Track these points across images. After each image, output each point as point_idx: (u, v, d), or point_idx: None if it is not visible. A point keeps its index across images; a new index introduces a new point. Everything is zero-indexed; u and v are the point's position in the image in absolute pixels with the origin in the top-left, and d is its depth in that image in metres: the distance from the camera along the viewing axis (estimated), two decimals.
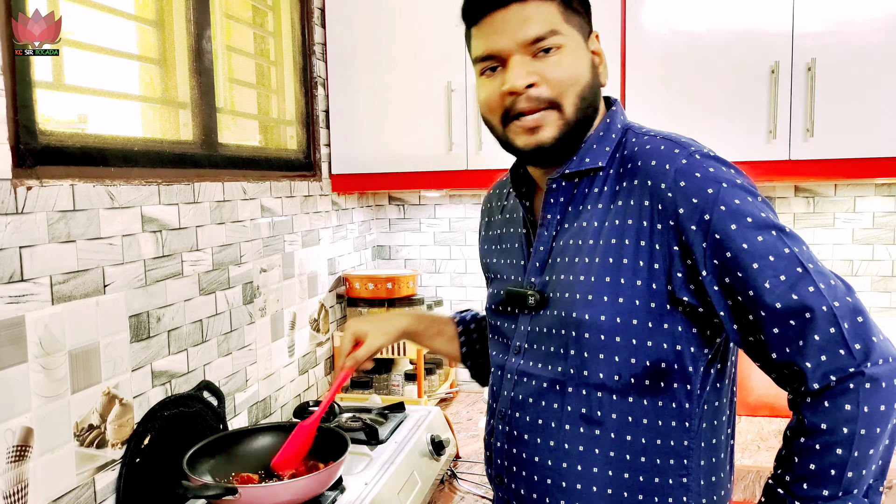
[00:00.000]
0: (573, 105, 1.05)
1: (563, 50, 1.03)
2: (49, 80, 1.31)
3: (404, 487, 1.62)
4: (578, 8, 1.07)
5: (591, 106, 1.08)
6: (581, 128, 1.07)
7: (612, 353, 1.03)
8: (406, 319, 1.39)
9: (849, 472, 0.91)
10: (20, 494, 1.17)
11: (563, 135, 1.06)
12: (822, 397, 0.92)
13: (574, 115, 1.05)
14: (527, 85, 1.03)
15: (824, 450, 0.92)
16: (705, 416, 1.05)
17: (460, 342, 1.43)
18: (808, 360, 0.92)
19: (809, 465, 0.93)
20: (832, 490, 0.92)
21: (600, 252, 1.03)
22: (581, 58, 1.05)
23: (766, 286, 0.93)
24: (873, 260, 2.38)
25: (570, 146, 1.08)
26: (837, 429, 0.91)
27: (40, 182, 1.21)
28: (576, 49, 1.05)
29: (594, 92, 1.08)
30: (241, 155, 1.90)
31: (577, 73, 1.04)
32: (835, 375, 0.91)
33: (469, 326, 1.44)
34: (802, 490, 0.94)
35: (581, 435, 1.06)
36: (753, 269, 0.93)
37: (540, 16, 1.03)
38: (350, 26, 2.31)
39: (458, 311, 1.48)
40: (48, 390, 1.22)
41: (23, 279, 1.17)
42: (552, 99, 1.04)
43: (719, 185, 0.96)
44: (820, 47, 1.95)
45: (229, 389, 1.77)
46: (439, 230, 2.74)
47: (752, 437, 2.08)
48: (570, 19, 1.05)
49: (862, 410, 0.90)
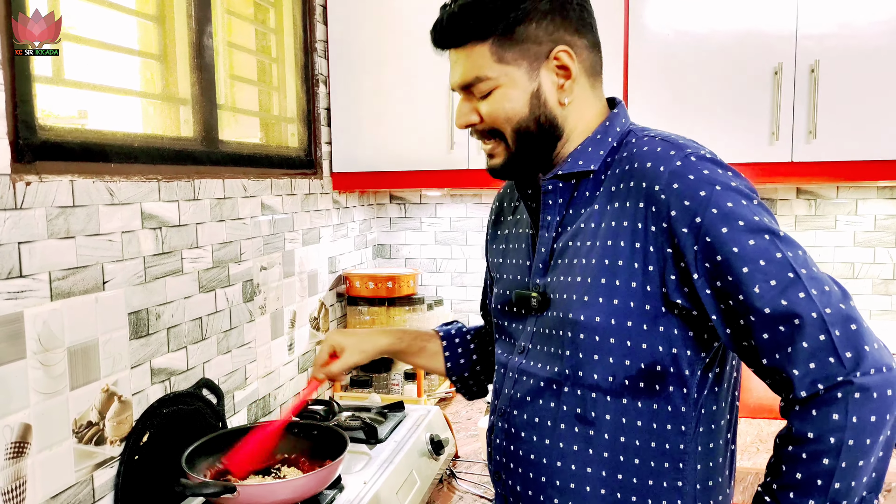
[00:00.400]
0: (511, 139, 1.08)
1: (496, 91, 1.06)
2: (49, 75, 1.30)
3: (403, 486, 1.62)
4: (522, 37, 1.04)
5: (542, 132, 1.08)
6: (535, 150, 1.09)
7: (606, 354, 1.03)
8: (387, 338, 1.36)
9: (836, 483, 0.90)
10: (18, 491, 1.16)
11: (509, 163, 1.11)
12: (810, 406, 0.91)
13: (516, 146, 1.09)
14: (467, 124, 1.11)
15: (811, 459, 0.91)
16: (702, 420, 1.04)
17: (444, 357, 1.41)
18: (797, 368, 0.91)
19: (796, 473, 0.92)
20: (818, 500, 0.91)
21: (597, 253, 1.03)
22: (516, 94, 1.06)
23: (756, 290, 0.92)
24: (874, 263, 2.37)
25: (531, 165, 1.12)
26: (824, 438, 0.90)
27: (39, 177, 1.21)
28: (511, 86, 1.06)
29: (543, 119, 1.07)
30: (241, 152, 1.89)
31: (509, 112, 1.06)
32: (823, 384, 0.90)
33: (454, 341, 1.42)
34: (788, 499, 0.93)
35: (575, 435, 1.06)
36: (744, 272, 0.93)
37: (469, 63, 1.06)
38: (352, 24, 2.31)
39: (442, 325, 1.47)
40: (47, 387, 1.21)
41: (21, 275, 1.17)
42: (495, 130, 1.09)
43: (712, 187, 0.95)
44: (823, 49, 1.95)
45: (228, 387, 1.77)
46: (440, 229, 2.74)
47: (752, 439, 2.08)
48: (505, 56, 1.04)
49: (850, 420, 0.89)
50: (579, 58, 1.07)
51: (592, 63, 1.10)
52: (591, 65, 1.09)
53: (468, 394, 1.46)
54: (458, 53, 1.08)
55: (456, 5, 1.06)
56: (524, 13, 1.03)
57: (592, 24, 1.10)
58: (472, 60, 1.06)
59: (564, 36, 1.05)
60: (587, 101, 1.10)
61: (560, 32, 1.05)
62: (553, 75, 1.06)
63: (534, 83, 1.06)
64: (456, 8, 1.05)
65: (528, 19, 1.03)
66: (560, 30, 1.05)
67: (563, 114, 1.08)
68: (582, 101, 1.09)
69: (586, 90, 1.09)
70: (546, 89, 1.06)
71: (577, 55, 1.06)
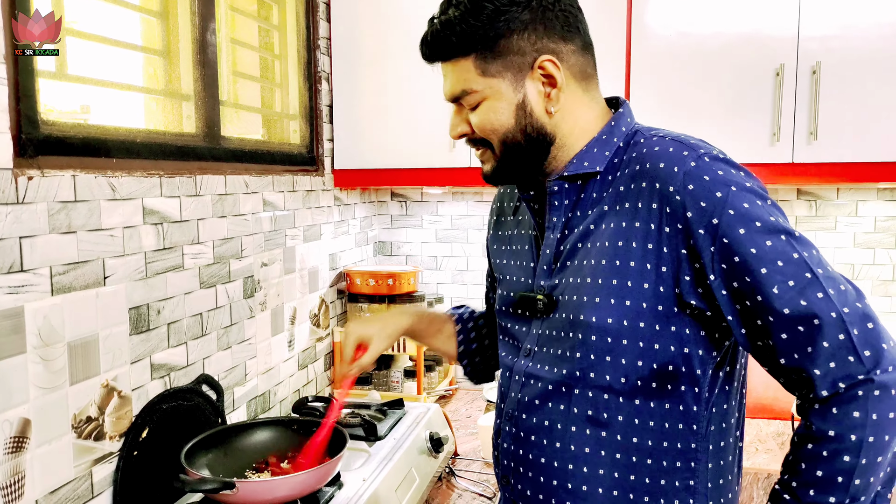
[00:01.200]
0: (498, 149, 1.10)
1: (483, 103, 1.08)
2: (52, 70, 1.30)
3: (402, 484, 1.62)
4: (504, 50, 1.04)
5: (530, 142, 1.08)
6: (523, 159, 1.10)
7: (618, 355, 1.03)
8: (407, 318, 1.37)
9: (856, 480, 0.90)
10: (17, 486, 1.16)
11: (499, 170, 1.13)
12: (831, 404, 0.91)
13: (503, 155, 1.10)
14: (459, 135, 1.13)
15: (832, 456, 0.91)
16: (713, 419, 1.05)
17: (458, 341, 1.42)
18: (817, 367, 0.91)
19: (816, 471, 0.92)
20: (839, 497, 0.91)
21: (607, 254, 1.03)
22: (502, 106, 1.07)
23: (775, 291, 0.92)
24: (874, 264, 2.37)
25: (521, 172, 1.13)
26: (845, 436, 0.90)
27: (41, 172, 1.21)
28: (496, 98, 1.06)
29: (530, 129, 1.07)
30: (243, 148, 1.89)
31: (496, 123, 1.08)
32: (844, 383, 0.91)
33: (467, 325, 1.43)
34: (809, 496, 0.93)
35: (587, 437, 1.06)
36: (762, 273, 0.93)
37: (456, 76, 1.08)
38: (355, 21, 2.31)
39: (454, 308, 1.47)
40: (46, 382, 1.22)
41: (23, 270, 1.17)
42: (484, 140, 1.11)
43: (728, 188, 0.95)
44: (825, 51, 1.95)
45: (228, 383, 1.77)
46: (441, 227, 2.74)
47: (751, 439, 2.08)
48: (488, 69, 1.05)
49: (871, 418, 0.89)
50: (567, 64, 1.06)
51: (583, 66, 1.08)
52: (581, 69, 1.08)
53: (476, 378, 1.46)
54: (446, 67, 1.09)
55: (439, 22, 1.07)
56: (505, 26, 1.03)
57: (580, 27, 1.08)
58: (459, 74, 1.07)
59: (548, 44, 1.05)
60: (580, 104, 1.09)
61: (543, 42, 1.05)
62: (539, 85, 1.06)
63: (519, 94, 1.06)
64: (439, 25, 1.07)
65: (510, 32, 1.04)
66: (543, 39, 1.05)
67: (552, 122, 1.08)
68: (574, 106, 1.08)
69: (577, 94, 1.08)
70: (532, 100, 1.06)
71: (565, 62, 1.06)
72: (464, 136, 1.13)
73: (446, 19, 1.06)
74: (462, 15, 1.04)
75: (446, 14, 1.06)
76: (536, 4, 1.04)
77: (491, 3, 1.03)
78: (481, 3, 1.03)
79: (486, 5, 1.03)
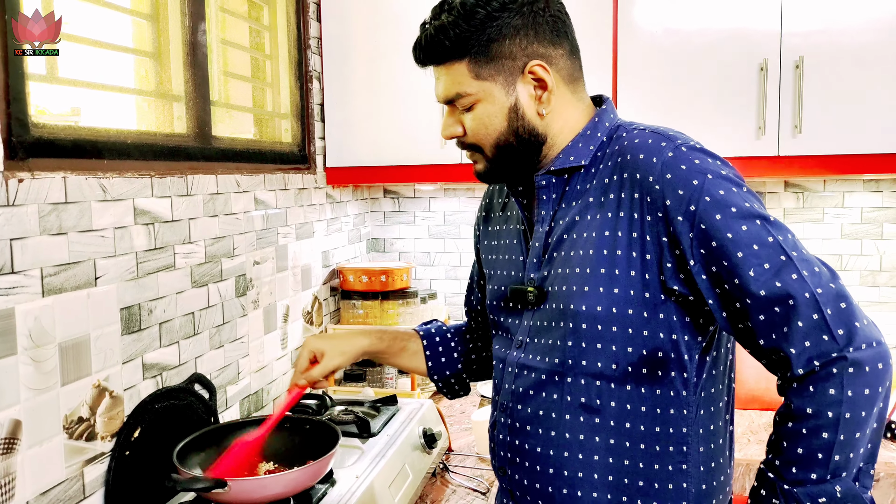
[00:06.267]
0: (490, 152, 1.14)
1: (476, 106, 1.11)
2: (42, 72, 1.31)
3: (396, 480, 1.63)
4: (496, 54, 1.08)
5: (522, 143, 1.12)
6: (516, 160, 1.13)
7: (609, 342, 1.06)
8: (366, 339, 1.37)
9: (836, 456, 0.93)
10: (7, 487, 1.17)
11: (491, 170, 1.16)
12: (807, 382, 0.94)
13: (494, 157, 1.14)
14: (451, 136, 1.16)
15: (811, 434, 0.94)
16: (702, 404, 1.08)
17: (426, 356, 1.43)
18: (793, 346, 0.94)
19: (797, 448, 0.95)
20: (820, 473, 0.94)
21: (594, 244, 1.06)
22: (495, 110, 1.10)
23: (751, 274, 0.95)
24: (861, 255, 2.39)
25: (514, 171, 1.16)
26: (822, 413, 0.93)
27: (32, 174, 1.22)
28: (489, 101, 1.10)
29: (522, 131, 1.11)
30: (235, 148, 1.90)
31: (488, 127, 1.11)
32: (819, 360, 0.93)
33: (434, 339, 1.44)
34: (791, 473, 0.96)
35: (581, 424, 1.09)
36: (738, 257, 0.96)
37: (449, 79, 1.11)
38: (346, 20, 2.32)
39: (422, 324, 1.48)
40: (37, 383, 1.22)
41: (13, 271, 1.18)
42: (475, 144, 1.14)
43: (704, 176, 0.99)
44: (808, 46, 1.97)
45: (221, 382, 1.78)
46: (434, 223, 2.75)
47: (743, 431, 2.10)
48: (481, 73, 1.09)
49: (846, 394, 0.92)
50: (556, 68, 1.10)
51: (571, 70, 1.13)
52: (569, 72, 1.12)
53: (450, 393, 1.48)
54: (439, 70, 1.12)
55: (432, 27, 1.10)
56: (497, 31, 1.07)
57: (568, 32, 1.12)
58: (452, 77, 1.10)
59: (539, 49, 1.08)
60: (569, 105, 1.13)
61: (534, 46, 1.08)
62: (530, 88, 1.10)
63: (511, 98, 1.10)
64: (432, 29, 1.09)
65: (502, 37, 1.07)
66: (534, 44, 1.08)
67: (543, 123, 1.12)
68: (563, 107, 1.12)
69: (567, 96, 1.13)
70: (524, 103, 1.10)
71: (554, 65, 1.10)
72: (456, 137, 1.16)
73: (440, 24, 1.08)
74: (455, 20, 1.07)
75: (439, 19, 1.09)
76: (528, 10, 1.07)
77: (483, 9, 1.06)
78: (474, 9, 1.06)
79: (479, 11, 1.06)
